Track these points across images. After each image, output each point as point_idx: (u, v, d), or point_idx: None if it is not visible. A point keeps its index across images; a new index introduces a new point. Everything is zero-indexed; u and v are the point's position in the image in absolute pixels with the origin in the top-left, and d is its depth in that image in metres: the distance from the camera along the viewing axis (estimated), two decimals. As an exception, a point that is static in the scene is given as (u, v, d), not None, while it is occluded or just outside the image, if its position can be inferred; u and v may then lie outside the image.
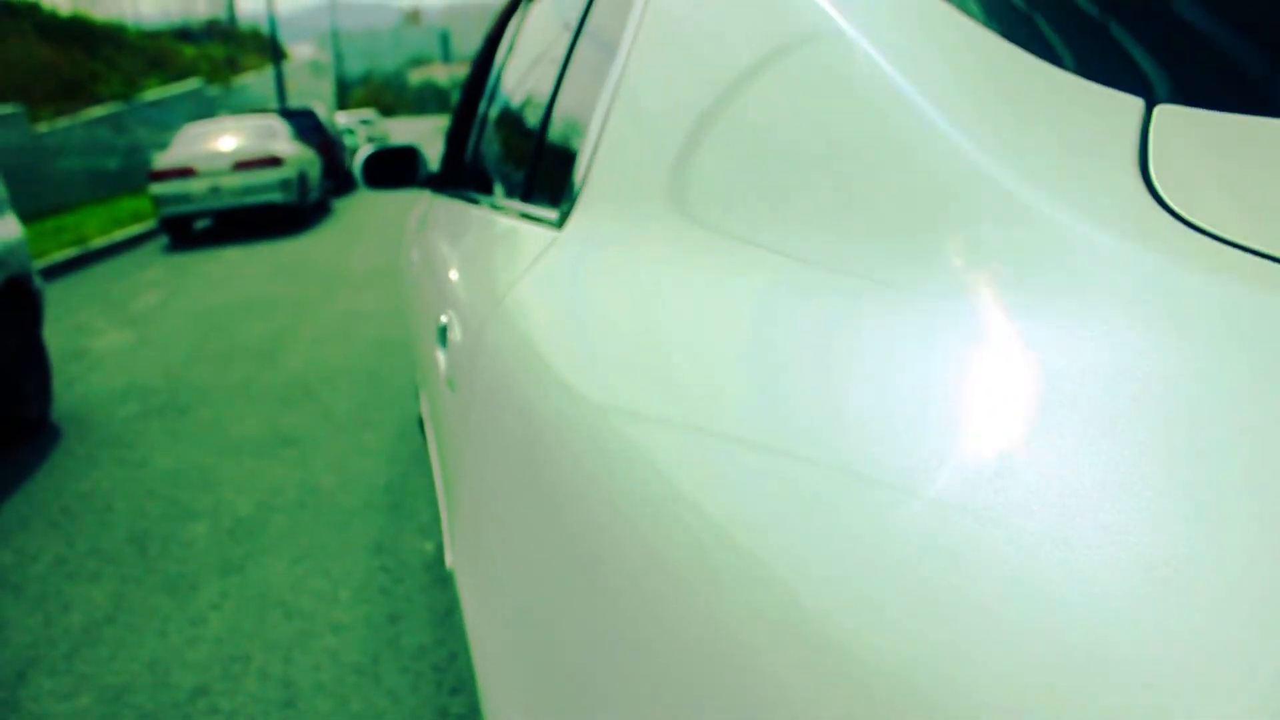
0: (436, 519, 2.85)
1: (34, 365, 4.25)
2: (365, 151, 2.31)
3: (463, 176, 1.98)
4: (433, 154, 2.61)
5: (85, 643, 2.34)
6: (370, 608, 2.39)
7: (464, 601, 1.06)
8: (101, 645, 2.33)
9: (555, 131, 1.14)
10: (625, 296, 0.68)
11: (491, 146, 1.72)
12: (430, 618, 2.32)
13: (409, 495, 3.07)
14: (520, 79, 1.59)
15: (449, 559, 1.44)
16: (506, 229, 1.21)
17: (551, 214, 0.97)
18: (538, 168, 1.19)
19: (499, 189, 1.49)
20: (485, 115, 1.87)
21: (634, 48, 0.83)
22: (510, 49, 1.78)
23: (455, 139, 2.24)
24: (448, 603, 2.38)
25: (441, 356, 1.34)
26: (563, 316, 0.79)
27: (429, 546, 2.70)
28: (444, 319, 1.36)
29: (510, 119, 1.62)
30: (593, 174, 0.87)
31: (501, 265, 1.14)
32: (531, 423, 0.73)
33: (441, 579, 2.50)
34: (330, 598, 2.46)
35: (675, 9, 0.77)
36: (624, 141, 0.81)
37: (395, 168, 2.30)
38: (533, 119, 1.36)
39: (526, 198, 1.20)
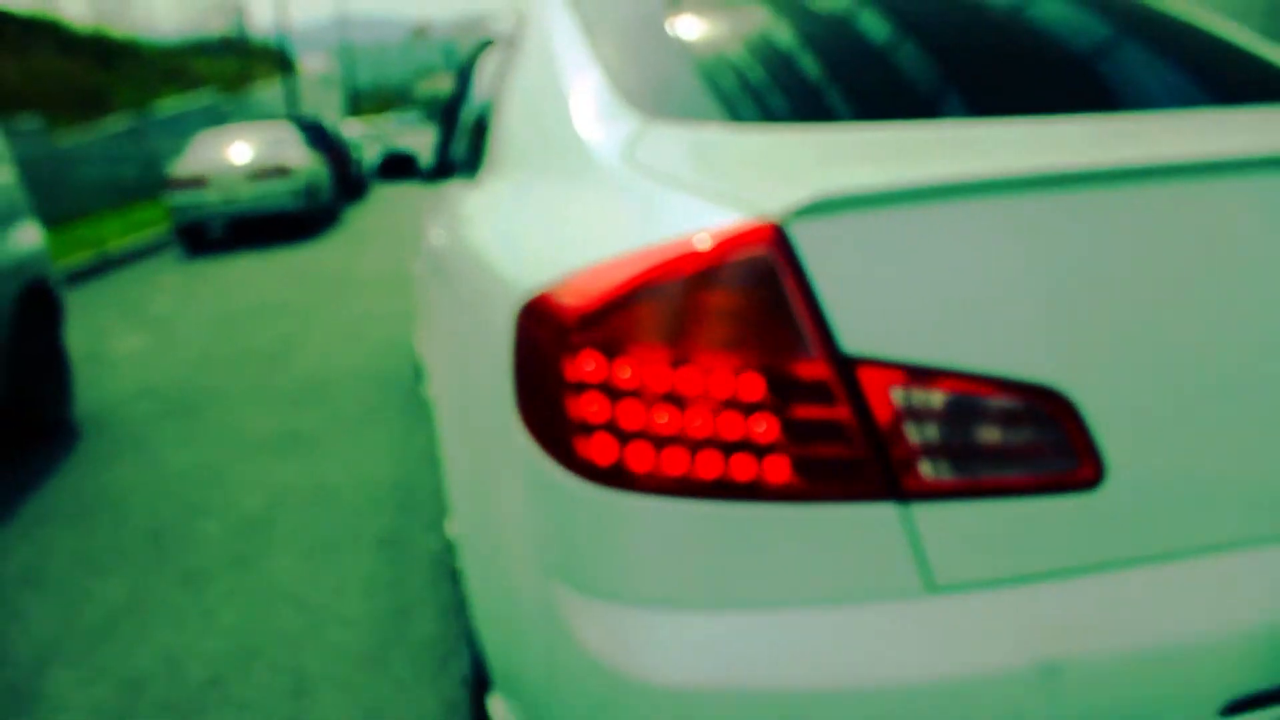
0: (444, 515, 2.86)
1: (55, 368, 4.26)
2: (378, 155, 3.37)
3: (445, 170, 2.78)
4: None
5: (103, 635, 2.35)
6: (378, 601, 2.40)
7: (437, 413, 1.81)
8: (119, 637, 2.33)
9: (480, 135, 2.03)
10: (494, 206, 1.57)
11: (458, 147, 2.56)
12: (438, 611, 2.32)
13: (417, 492, 3.08)
14: (469, 106, 2.50)
15: (430, 389, 2.21)
16: (457, 190, 2.12)
17: (474, 177, 1.91)
18: (474, 155, 2.07)
19: (461, 172, 2.28)
20: (456, 129, 2.75)
21: (508, 89, 1.75)
22: (469, 87, 2.63)
23: (443, 145, 3.02)
24: (456, 597, 2.38)
25: (424, 260, 2.53)
26: (466, 220, 1.70)
27: (436, 542, 2.70)
28: (428, 241, 2.43)
29: (465, 130, 2.49)
30: (490, 155, 1.79)
31: (451, 206, 2.07)
32: (456, 270, 1.62)
33: (450, 573, 2.50)
34: (339, 592, 2.46)
35: (527, 69, 1.65)
36: (499, 137, 1.74)
37: (399, 166, 3.05)
38: (472, 130, 2.27)
39: (469, 172, 2.06)
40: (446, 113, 3.00)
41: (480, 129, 2.04)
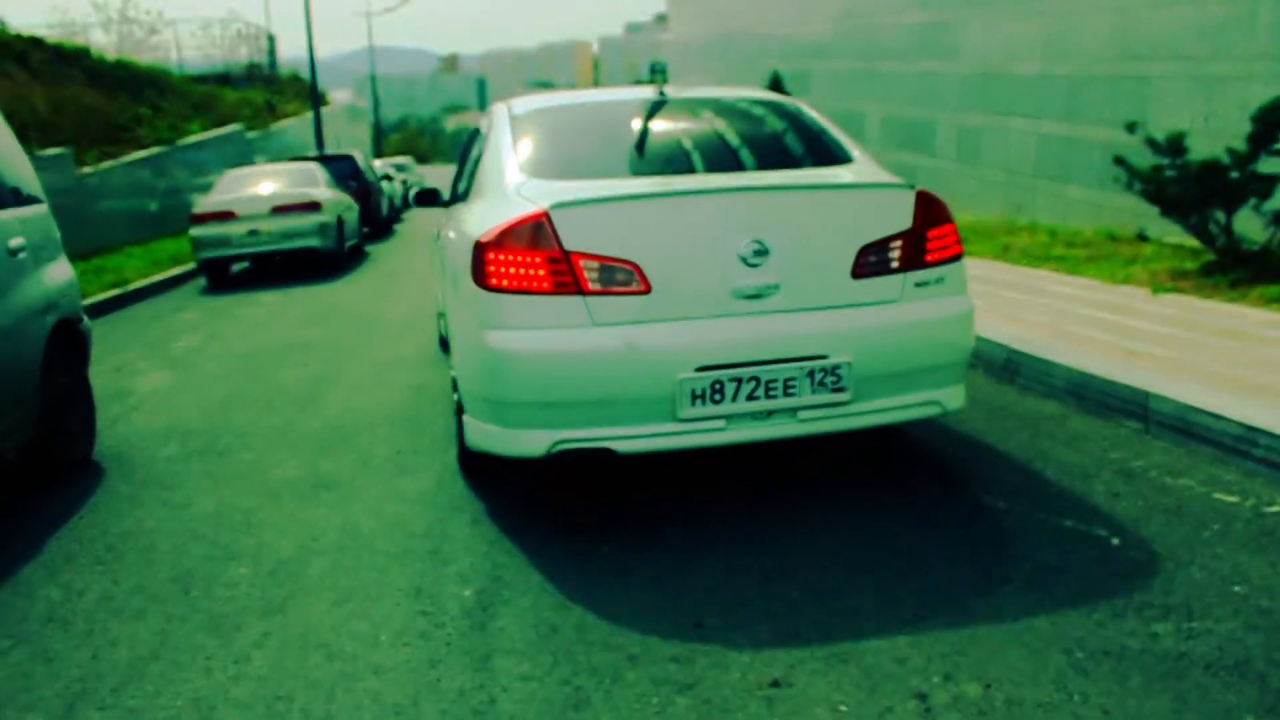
0: (474, 566, 2.96)
1: (80, 405, 4.44)
2: (415, 189, 5.33)
3: (454, 198, 4.68)
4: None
5: (132, 678, 2.46)
6: (410, 651, 2.48)
7: (444, 296, 4.34)
8: (148, 681, 2.44)
9: (470, 179, 4.27)
10: (471, 212, 3.73)
11: (461, 184, 4.53)
12: (470, 662, 2.40)
13: (448, 540, 3.17)
14: (468, 159, 4.62)
15: (440, 305, 5.18)
16: (460, 208, 4.20)
17: (466, 199, 4.19)
18: (466, 189, 4.29)
19: (462, 198, 4.32)
20: (461, 172, 4.77)
21: (481, 158, 4.11)
22: (467, 154, 4.70)
23: (455, 184, 4.90)
24: (487, 648, 2.46)
25: (437, 246, 5.08)
26: (458, 221, 3.93)
27: (468, 592, 2.79)
28: (444, 231, 4.62)
29: (463, 173, 4.65)
30: (472, 190, 4.06)
31: (457, 215, 4.14)
32: (448, 242, 4.13)
33: (480, 624, 2.59)
34: (371, 640, 2.56)
35: (494, 139, 3.95)
36: (476, 182, 4.02)
37: (429, 197, 5.14)
38: (467, 176, 4.45)
39: (465, 198, 4.23)
40: (459, 162, 5.03)
41: (470, 176, 4.19)
